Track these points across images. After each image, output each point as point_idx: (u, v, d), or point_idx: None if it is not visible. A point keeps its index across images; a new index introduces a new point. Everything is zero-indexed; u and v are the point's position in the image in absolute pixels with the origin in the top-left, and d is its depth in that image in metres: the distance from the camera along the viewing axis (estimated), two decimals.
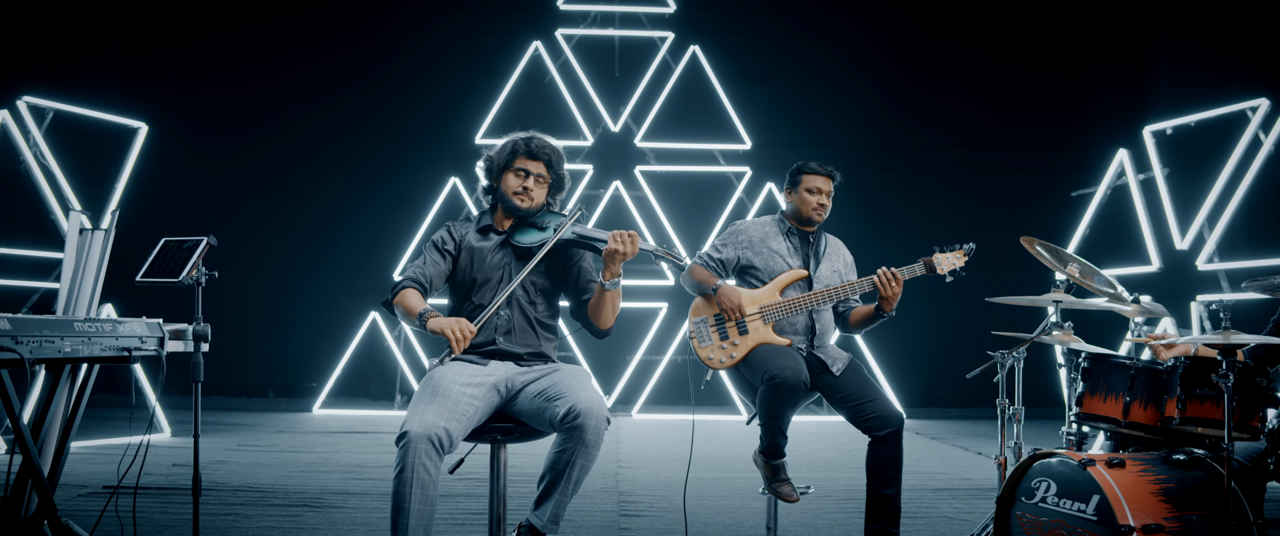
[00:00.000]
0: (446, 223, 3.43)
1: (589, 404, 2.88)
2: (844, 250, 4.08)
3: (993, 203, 9.14)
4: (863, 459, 3.58)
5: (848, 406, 3.62)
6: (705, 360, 3.81)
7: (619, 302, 3.26)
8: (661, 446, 6.85)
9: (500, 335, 3.22)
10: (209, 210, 8.96)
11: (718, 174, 9.06)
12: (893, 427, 3.52)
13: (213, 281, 2.93)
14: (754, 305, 3.77)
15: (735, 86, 9.07)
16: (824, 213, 3.90)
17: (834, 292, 3.75)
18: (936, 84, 9.43)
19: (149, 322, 2.80)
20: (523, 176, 3.31)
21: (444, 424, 2.81)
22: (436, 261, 3.30)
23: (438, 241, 3.35)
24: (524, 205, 3.29)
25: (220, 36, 9.19)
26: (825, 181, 3.89)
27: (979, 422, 8.43)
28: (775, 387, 3.45)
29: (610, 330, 3.31)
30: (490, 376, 3.08)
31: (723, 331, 3.78)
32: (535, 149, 3.32)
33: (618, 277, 3.17)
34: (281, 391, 9.39)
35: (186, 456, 5.92)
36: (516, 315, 3.24)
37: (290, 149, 9.14)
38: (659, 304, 8.72)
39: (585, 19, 9.11)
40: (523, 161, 3.32)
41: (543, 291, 3.30)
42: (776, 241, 3.91)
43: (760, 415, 3.60)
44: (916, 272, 3.75)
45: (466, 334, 2.94)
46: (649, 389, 8.60)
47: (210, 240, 2.81)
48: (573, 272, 3.34)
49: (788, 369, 3.47)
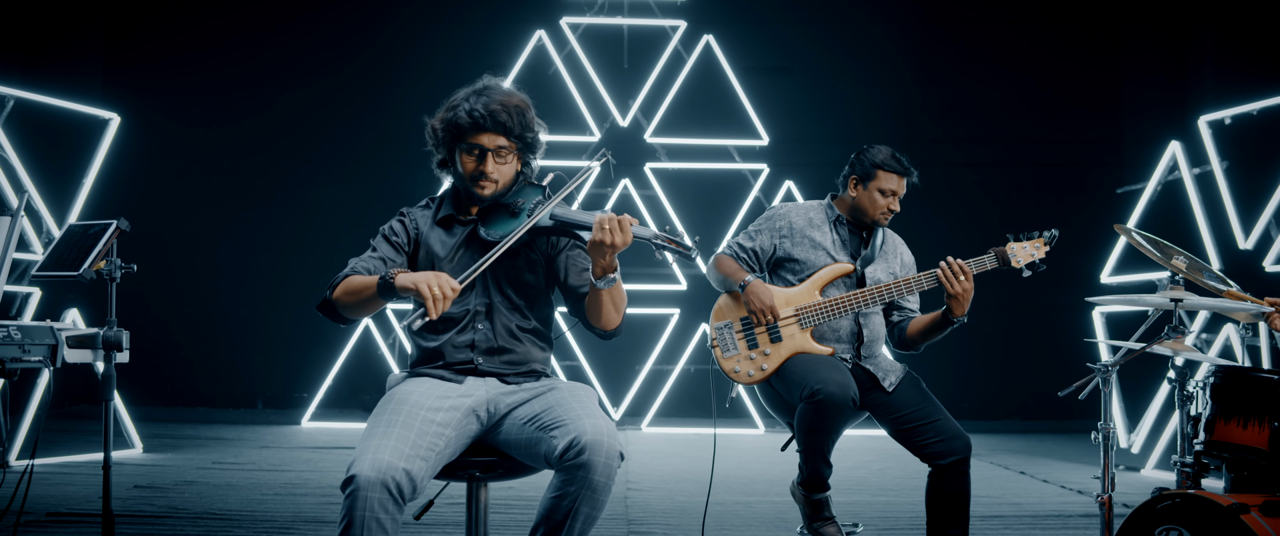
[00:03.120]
0: (400, 209, 2.74)
1: (597, 435, 2.27)
2: (904, 249, 3.50)
3: (1027, 201, 8.58)
4: (900, 479, 3.03)
5: (904, 429, 3.04)
6: (730, 373, 3.25)
7: (622, 299, 2.57)
8: (674, 463, 6.31)
9: (479, 355, 2.56)
10: (194, 209, 8.47)
11: (733, 171, 8.52)
12: (959, 454, 2.95)
13: (198, 286, 2.39)
14: (789, 307, 3.20)
15: (752, 78, 8.54)
16: (889, 218, 3.36)
17: (884, 291, 3.18)
18: (963, 75, 8.89)
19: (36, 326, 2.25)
20: (477, 156, 2.57)
21: (403, 464, 2.21)
22: (390, 256, 2.62)
23: (388, 232, 2.68)
24: (487, 192, 2.58)
25: (207, 26, 8.70)
26: (901, 183, 3.34)
27: (1010, 437, 7.86)
28: (818, 406, 2.88)
29: (618, 330, 2.61)
30: (467, 398, 2.46)
31: (752, 338, 3.22)
32: (486, 118, 2.53)
33: (612, 273, 2.47)
34: (271, 402, 8.87)
35: (157, 476, 5.40)
36: (498, 329, 2.58)
37: (280, 146, 8.63)
38: (671, 310, 8.18)
39: (592, 7, 8.59)
40: (474, 136, 2.56)
41: (528, 292, 2.63)
42: (821, 231, 3.33)
43: (799, 439, 3.03)
44: (986, 266, 3.19)
45: (447, 291, 2.29)
46: (660, 400, 8.06)
47: (120, 224, 2.28)
48: (558, 265, 2.64)
49: (833, 382, 2.90)
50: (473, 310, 2.59)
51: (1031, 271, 3.23)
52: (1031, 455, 6.89)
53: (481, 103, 2.57)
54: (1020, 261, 3.21)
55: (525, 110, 2.61)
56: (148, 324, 8.74)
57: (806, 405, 2.93)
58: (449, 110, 2.62)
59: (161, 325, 8.50)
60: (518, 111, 2.59)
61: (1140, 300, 2.85)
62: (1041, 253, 3.23)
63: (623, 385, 8.20)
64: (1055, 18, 8.89)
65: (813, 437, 2.99)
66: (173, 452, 6.34)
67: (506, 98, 2.60)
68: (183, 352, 8.49)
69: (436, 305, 2.29)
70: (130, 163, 8.06)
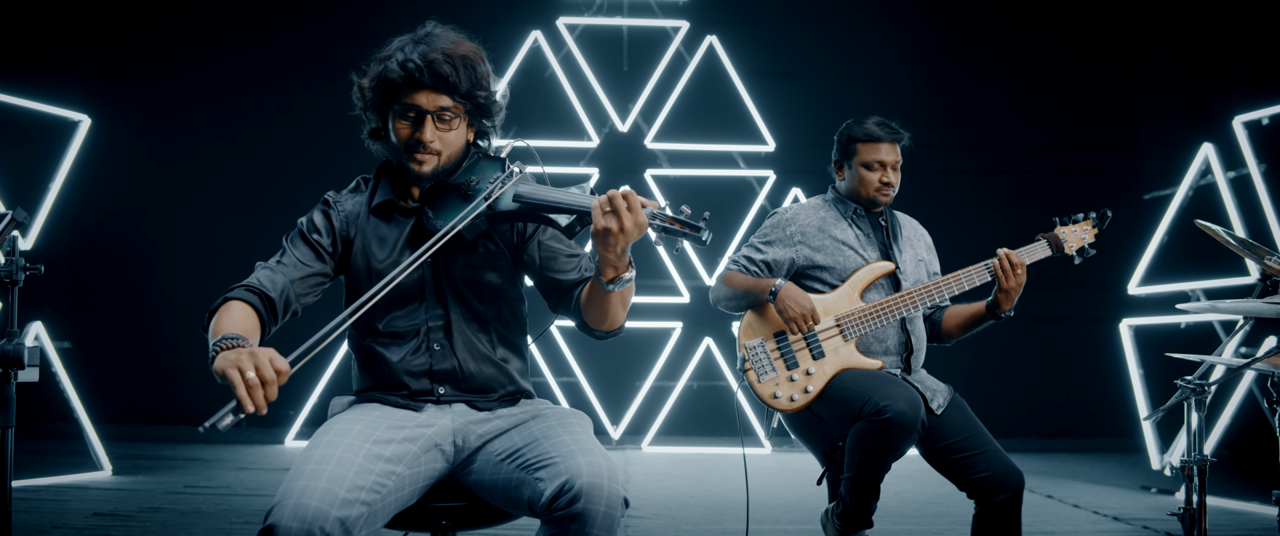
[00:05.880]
0: (324, 195, 2.19)
1: (595, 477, 1.77)
2: (921, 230, 3.11)
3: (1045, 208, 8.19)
4: (920, 505, 2.63)
5: (951, 459, 2.63)
6: (768, 400, 2.81)
7: (630, 297, 2.03)
8: (676, 485, 5.93)
9: (441, 387, 2.07)
10: (175, 216, 8.12)
11: (738, 178, 8.16)
12: (1012, 491, 2.56)
13: (181, 301, 2.00)
14: (828, 315, 2.81)
15: (757, 82, 8.19)
16: (890, 192, 2.95)
17: (934, 290, 2.80)
18: (976, 79, 8.53)
19: None
20: (412, 121, 2.02)
21: (337, 511, 1.73)
22: (301, 259, 2.06)
23: (306, 227, 2.11)
24: (427, 168, 2.04)
25: (190, 31, 8.34)
26: (890, 149, 2.94)
27: (1028, 457, 7.41)
28: (884, 426, 2.48)
29: (620, 329, 2.09)
30: (427, 428, 1.99)
31: (790, 357, 2.79)
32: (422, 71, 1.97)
33: (625, 274, 1.91)
34: (255, 420, 8.46)
35: (121, 501, 5.02)
36: (460, 348, 2.07)
37: (265, 153, 8.27)
38: (672, 323, 7.81)
39: (590, 7, 8.24)
40: (409, 95, 2.00)
41: (492, 296, 2.10)
42: (840, 228, 2.93)
43: (852, 468, 2.59)
44: (1039, 255, 2.87)
45: (266, 376, 1.70)
46: (661, 418, 7.68)
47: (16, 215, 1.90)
48: (530, 253, 2.10)
49: (902, 400, 2.52)
50: (425, 327, 2.08)
51: (1081, 257, 2.92)
52: (1054, 476, 6.51)
53: (418, 52, 2.04)
54: (1071, 247, 2.90)
55: (475, 62, 2.08)
56: (127, 339, 8.47)
57: (869, 424, 2.52)
58: (379, 63, 2.11)
59: (142, 340, 8.15)
60: (465, 62, 2.05)
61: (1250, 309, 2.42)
62: (1091, 236, 2.92)
63: (622, 402, 7.82)
64: (1069, 20, 8.55)
65: (870, 465, 2.57)
66: (144, 474, 5.96)
67: (452, 46, 2.08)
68: (164, 369, 8.12)
69: (248, 403, 1.69)
70: (113, 169, 7.75)
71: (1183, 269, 6.20)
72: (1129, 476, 6.41)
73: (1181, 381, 2.52)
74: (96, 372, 6.86)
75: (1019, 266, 2.79)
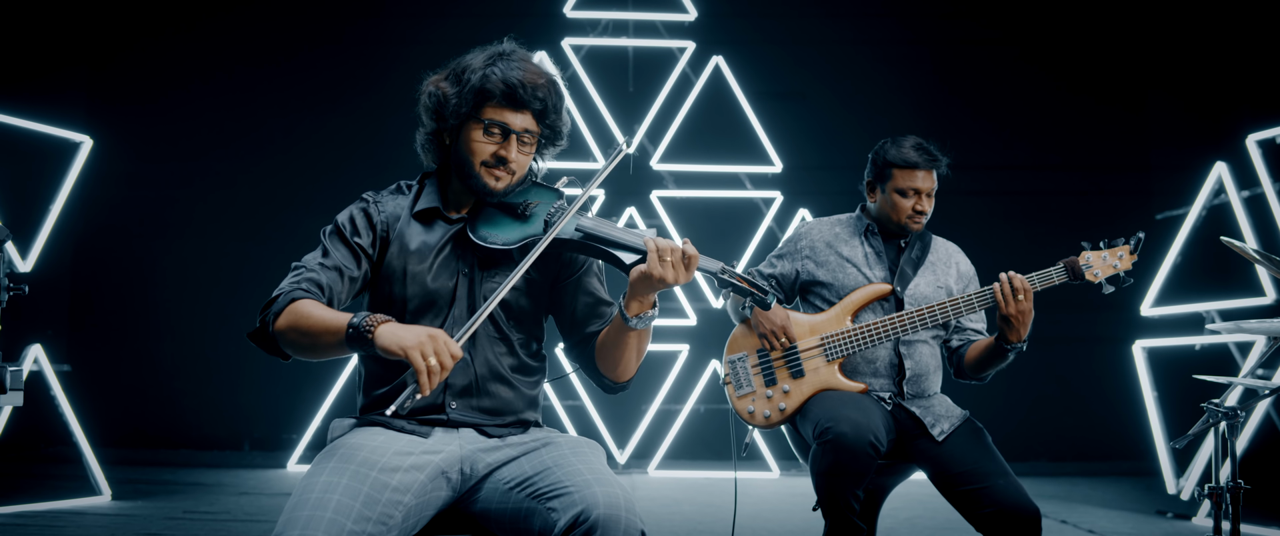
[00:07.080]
0: (363, 195, 2.15)
1: (612, 508, 1.71)
2: (960, 258, 2.97)
3: (1054, 230, 8.13)
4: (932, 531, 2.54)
5: (958, 490, 2.53)
6: (744, 415, 2.75)
7: (646, 344, 2.02)
8: (685, 511, 5.83)
9: (454, 398, 2.00)
10: (177, 238, 8.07)
11: (745, 199, 8.10)
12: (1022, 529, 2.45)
13: (183, 324, 1.92)
14: (813, 335, 2.71)
15: (764, 103, 8.14)
16: (922, 220, 2.85)
17: (927, 314, 2.69)
18: (982, 99, 8.47)
19: None
20: (498, 137, 2.02)
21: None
22: (343, 263, 2.02)
23: (346, 227, 2.07)
24: (501, 185, 2.04)
25: (192, 55, 8.32)
26: (926, 177, 2.84)
27: (1039, 480, 7.31)
28: (826, 448, 2.39)
29: (629, 383, 2.08)
30: (434, 455, 1.91)
31: (769, 374, 2.72)
32: (524, 91, 1.99)
33: (651, 311, 1.91)
34: (258, 444, 8.39)
35: (118, 529, 4.93)
36: (479, 363, 2.02)
37: (271, 174, 8.22)
38: (679, 346, 7.73)
39: (595, 27, 8.21)
40: (498, 111, 2.01)
41: (521, 319, 2.06)
42: (850, 245, 2.84)
43: (816, 491, 2.54)
44: (1053, 280, 2.66)
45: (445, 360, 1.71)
46: (668, 441, 7.58)
47: None
48: (565, 292, 2.09)
49: (846, 421, 2.41)
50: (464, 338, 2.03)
51: (1114, 287, 2.69)
52: (1067, 501, 6.40)
53: (517, 71, 2.03)
54: (1099, 275, 2.67)
55: (562, 93, 2.12)
56: (128, 362, 8.39)
57: (819, 446, 2.45)
58: (468, 72, 2.06)
59: (143, 363, 8.08)
60: (554, 89, 2.10)
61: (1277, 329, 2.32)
62: (1128, 262, 2.68)
63: (629, 426, 7.73)
64: (1079, 36, 8.51)
65: (828, 489, 2.48)
66: (144, 500, 5.87)
67: (540, 71, 2.08)
68: (167, 392, 8.05)
69: (430, 380, 1.71)
70: (117, 191, 7.71)
71: (1197, 289, 6.12)
72: (1144, 500, 6.30)
73: (1209, 405, 2.42)
74: (97, 395, 6.78)
75: (1021, 291, 2.61)
